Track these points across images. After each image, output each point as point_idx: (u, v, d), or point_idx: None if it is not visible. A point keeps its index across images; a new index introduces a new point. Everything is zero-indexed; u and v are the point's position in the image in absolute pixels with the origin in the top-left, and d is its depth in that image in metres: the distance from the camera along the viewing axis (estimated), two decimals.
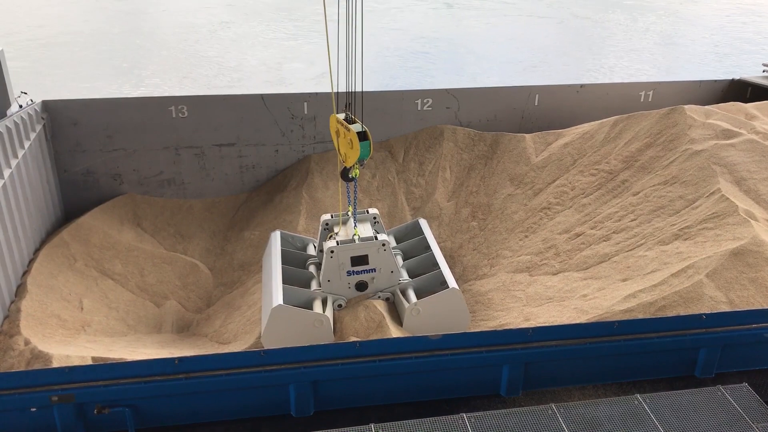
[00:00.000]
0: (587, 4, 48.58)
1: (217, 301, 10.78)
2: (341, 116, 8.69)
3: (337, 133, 8.79)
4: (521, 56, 33.25)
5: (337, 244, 8.93)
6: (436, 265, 9.62)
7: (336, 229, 9.64)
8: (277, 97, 12.64)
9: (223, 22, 41.46)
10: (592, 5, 48.37)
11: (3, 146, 9.51)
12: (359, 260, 8.97)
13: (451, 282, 9.05)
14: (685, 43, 37.43)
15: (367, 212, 9.90)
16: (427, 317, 8.73)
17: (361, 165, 8.73)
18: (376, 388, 6.71)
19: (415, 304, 8.77)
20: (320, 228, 9.82)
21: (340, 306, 9.10)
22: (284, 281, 9.14)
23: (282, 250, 9.85)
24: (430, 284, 9.40)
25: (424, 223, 10.61)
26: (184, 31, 38.62)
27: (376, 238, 9.06)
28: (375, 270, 9.07)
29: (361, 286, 9.11)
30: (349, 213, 9.53)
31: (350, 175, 8.79)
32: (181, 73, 29.73)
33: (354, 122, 8.51)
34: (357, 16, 8.15)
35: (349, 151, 8.56)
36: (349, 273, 9.00)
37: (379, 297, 9.17)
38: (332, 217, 9.84)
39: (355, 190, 9.16)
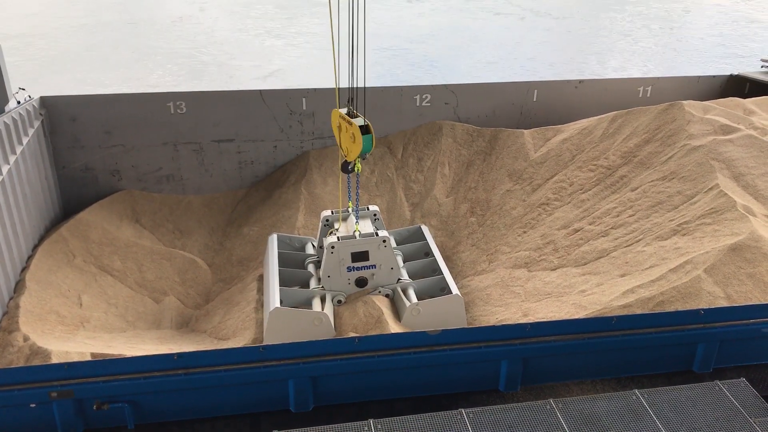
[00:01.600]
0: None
1: (216, 297, 10.78)
2: (343, 111, 8.71)
3: (339, 127, 8.81)
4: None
5: (338, 239, 8.96)
6: (436, 271, 9.75)
7: (336, 225, 9.66)
8: (275, 92, 12.64)
9: (182, 16, 41.30)
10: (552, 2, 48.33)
11: (1, 142, 9.50)
12: (360, 256, 9.01)
13: (454, 289, 9.17)
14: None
15: (368, 209, 9.95)
16: (425, 318, 8.78)
17: (363, 158, 8.77)
18: (375, 384, 6.72)
19: (417, 304, 8.83)
20: (320, 224, 9.84)
21: (339, 302, 9.13)
22: (282, 283, 9.25)
23: (279, 252, 9.97)
24: (430, 288, 9.48)
25: (426, 230, 10.72)
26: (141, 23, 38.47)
27: (376, 234, 9.10)
28: (375, 266, 9.11)
29: (361, 283, 9.14)
30: (350, 209, 9.55)
31: (351, 168, 8.86)
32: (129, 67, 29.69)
33: (356, 117, 8.55)
34: (360, 10, 8.16)
35: (351, 146, 8.59)
36: (349, 269, 9.04)
37: (380, 292, 9.20)
38: (332, 213, 9.86)
39: (357, 186, 9.19)
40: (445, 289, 9.36)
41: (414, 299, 9.00)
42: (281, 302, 8.80)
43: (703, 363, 7.16)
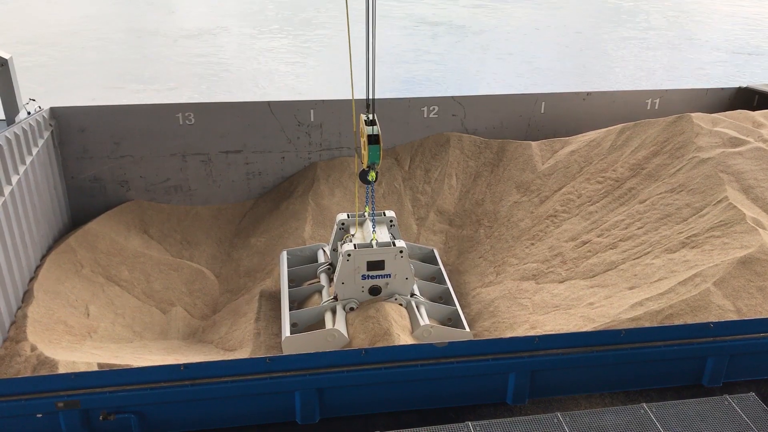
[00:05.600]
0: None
1: (223, 307, 10.78)
2: (364, 117, 8.77)
3: (360, 132, 8.87)
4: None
5: (355, 247, 8.93)
6: (442, 299, 9.94)
7: (352, 230, 9.64)
8: (283, 104, 12.69)
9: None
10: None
11: (11, 153, 9.57)
12: (375, 265, 8.99)
13: (466, 326, 9.27)
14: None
15: (384, 214, 9.92)
16: (432, 341, 8.80)
17: (372, 169, 8.77)
18: (381, 396, 6.69)
19: (431, 326, 8.83)
20: (335, 227, 9.82)
21: (351, 309, 9.12)
22: (294, 304, 9.52)
23: (288, 271, 10.11)
24: (439, 314, 9.52)
25: (437, 254, 10.87)
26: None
27: (393, 243, 9.08)
28: (390, 276, 9.08)
29: (375, 291, 9.13)
30: (366, 214, 9.53)
31: (367, 178, 8.84)
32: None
33: (373, 124, 8.57)
34: (372, 20, 8.20)
35: (364, 153, 8.64)
36: (363, 277, 9.01)
37: (396, 299, 9.18)
38: (348, 216, 9.85)
39: (372, 194, 9.18)
40: (452, 320, 9.45)
41: (426, 319, 9.02)
42: (294, 325, 8.99)
43: (712, 377, 7.10)
